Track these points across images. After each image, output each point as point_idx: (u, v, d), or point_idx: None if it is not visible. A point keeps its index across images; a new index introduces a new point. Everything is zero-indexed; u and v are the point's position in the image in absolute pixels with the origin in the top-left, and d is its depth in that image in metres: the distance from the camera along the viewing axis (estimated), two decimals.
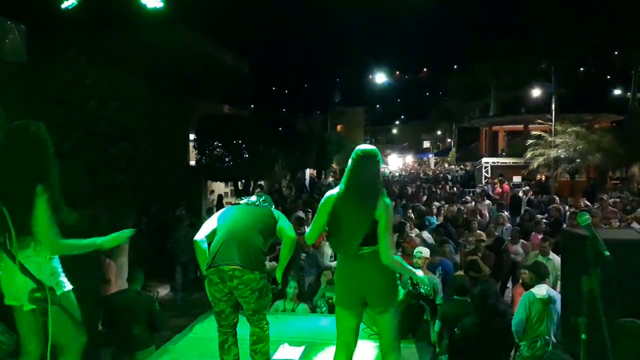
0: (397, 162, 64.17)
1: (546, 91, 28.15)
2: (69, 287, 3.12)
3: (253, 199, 4.04)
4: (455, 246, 8.89)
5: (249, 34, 24.84)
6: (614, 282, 2.85)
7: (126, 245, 8.94)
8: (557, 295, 5.22)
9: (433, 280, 6.36)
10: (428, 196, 18.27)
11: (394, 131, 77.92)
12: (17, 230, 2.85)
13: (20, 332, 3.08)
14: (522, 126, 29.56)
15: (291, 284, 6.22)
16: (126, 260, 8.74)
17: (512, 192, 19.04)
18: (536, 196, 17.83)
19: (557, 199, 14.73)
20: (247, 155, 14.15)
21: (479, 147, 34.26)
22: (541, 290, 5.32)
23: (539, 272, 5.55)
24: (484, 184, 25.35)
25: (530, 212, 12.04)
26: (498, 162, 28.36)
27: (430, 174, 44.39)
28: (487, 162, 28.30)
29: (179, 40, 16.93)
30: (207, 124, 14.20)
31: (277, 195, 18.76)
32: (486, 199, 16.61)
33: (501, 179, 22.43)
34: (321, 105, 34.29)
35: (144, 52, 13.93)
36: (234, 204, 4.19)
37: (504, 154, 31.38)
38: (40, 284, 2.22)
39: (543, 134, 21.98)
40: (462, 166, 41.35)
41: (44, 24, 9.76)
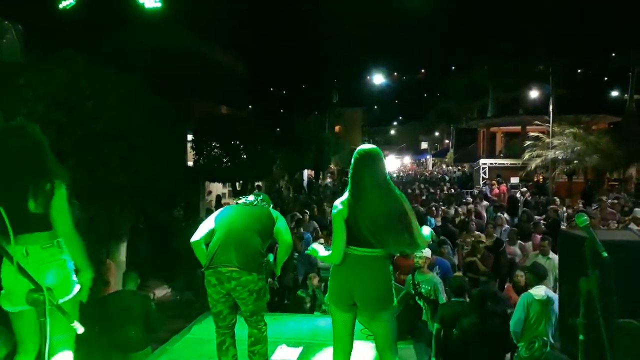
0: (395, 163, 64.16)
1: (544, 92, 28.18)
2: (78, 286, 3.14)
3: (251, 198, 4.02)
4: (453, 247, 8.90)
5: (247, 34, 24.79)
6: (612, 283, 2.85)
7: (124, 246, 8.93)
8: (555, 296, 5.22)
9: (434, 280, 6.37)
10: (426, 197, 18.29)
11: (392, 132, 77.96)
12: (25, 228, 2.90)
13: (19, 332, 3.07)
14: (519, 127, 29.60)
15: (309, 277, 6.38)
16: (124, 260, 8.72)
17: (510, 193, 19.06)
18: (533, 197, 17.87)
19: (557, 200, 14.73)
20: (245, 156, 14.14)
21: (476, 148, 34.30)
22: (539, 291, 5.32)
23: (537, 273, 5.56)
24: (481, 185, 25.38)
25: (527, 213, 12.06)
26: (496, 163, 28.39)
27: (428, 175, 44.43)
28: (485, 163, 28.33)
29: (177, 41, 16.90)
30: (205, 124, 14.19)
31: (276, 195, 18.76)
32: (484, 200, 16.64)
33: (498, 179, 22.46)
34: (319, 106, 34.22)
35: (141, 52, 13.88)
36: (231, 203, 4.19)
37: (502, 155, 31.43)
38: (38, 285, 2.21)
39: (541, 135, 22.00)
40: (459, 167, 41.40)
41: (41, 23, 9.74)
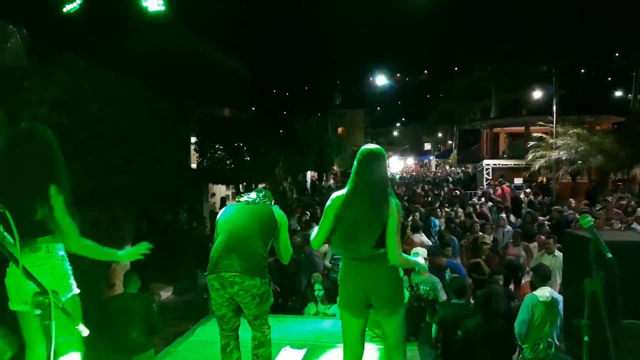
0: (399, 164, 64.16)
1: (547, 93, 28.14)
2: (77, 290, 3.13)
3: (253, 195, 3.96)
4: (459, 248, 8.89)
5: (249, 36, 24.83)
6: (616, 284, 2.84)
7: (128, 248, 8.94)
8: (559, 297, 5.21)
9: (432, 279, 6.36)
10: (430, 199, 18.25)
11: (395, 133, 77.91)
12: (29, 233, 2.89)
13: (26, 333, 3.08)
14: (523, 128, 29.53)
15: (316, 286, 6.28)
16: (128, 263, 8.73)
17: (513, 194, 19.02)
18: (535, 197, 17.83)
19: (571, 201, 14.57)
20: (248, 158, 14.16)
21: (480, 149, 34.24)
22: (544, 292, 5.30)
23: (541, 274, 5.54)
24: (485, 186, 25.33)
25: (531, 214, 12.04)
26: (499, 164, 28.34)
27: (431, 176, 44.39)
28: (488, 164, 28.28)
29: (179, 43, 16.95)
30: (208, 126, 14.21)
31: (280, 196, 18.75)
32: (488, 201, 16.61)
33: (501, 180, 22.41)
34: (322, 107, 34.25)
35: (144, 55, 13.93)
36: (234, 202, 4.15)
37: (505, 155, 31.35)
38: (43, 287, 2.21)
39: (544, 135, 21.96)
40: (463, 168, 41.34)
41: (45, 26, 9.77)
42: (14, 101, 5.68)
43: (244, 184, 15.59)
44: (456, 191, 22.50)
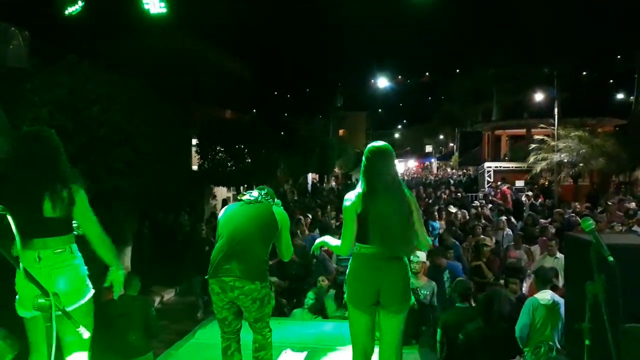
0: (400, 166, 64.12)
1: (549, 95, 28.10)
2: (93, 290, 3.20)
3: (255, 194, 3.92)
4: (460, 250, 8.85)
5: (251, 38, 24.87)
6: (618, 287, 2.83)
7: (129, 250, 8.95)
8: (561, 300, 5.19)
9: (431, 285, 6.40)
10: (432, 201, 18.23)
11: (396, 135, 77.80)
12: (45, 234, 2.95)
13: (32, 337, 3.10)
14: (524, 130, 29.52)
15: (310, 295, 6.22)
16: (129, 264, 8.74)
17: (514, 197, 18.99)
18: (537, 200, 17.79)
19: (576, 205, 14.54)
20: (250, 160, 14.17)
21: (481, 152, 34.23)
22: (545, 295, 5.29)
23: (543, 277, 5.53)
24: (486, 188, 25.29)
25: (533, 217, 12.01)
26: (501, 167, 28.29)
27: (433, 178, 44.34)
28: (490, 167, 28.23)
29: (181, 45, 16.99)
30: (209, 128, 14.23)
31: (281, 198, 18.72)
32: (489, 203, 16.58)
33: (500, 183, 22.37)
34: (323, 109, 34.23)
35: (145, 57, 13.96)
36: (235, 200, 4.11)
37: (507, 158, 31.31)
38: (44, 289, 2.22)
39: (546, 138, 21.93)
40: (464, 170, 41.30)
41: (47, 29, 9.79)
42: (15, 103, 5.70)
43: (245, 185, 15.60)
44: (458, 194, 22.46)
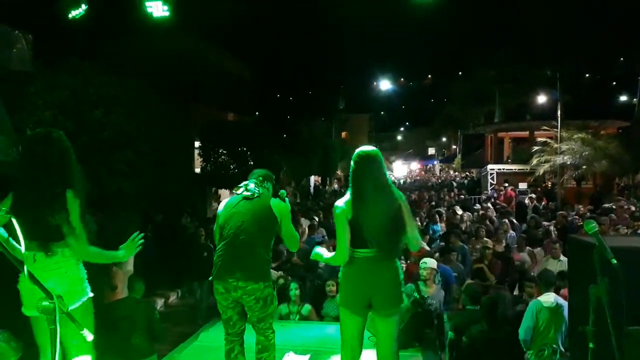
0: (403, 169, 64.07)
1: (551, 98, 28.06)
2: (91, 294, 3.17)
3: (252, 186, 3.82)
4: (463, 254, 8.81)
5: (253, 40, 24.91)
6: (621, 290, 2.82)
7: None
8: (564, 303, 5.17)
9: (440, 295, 6.38)
10: (435, 203, 18.18)
11: (399, 138, 77.81)
12: (45, 237, 2.95)
13: (38, 338, 3.10)
14: (527, 133, 29.46)
15: (292, 285, 6.23)
16: (132, 267, 8.72)
17: (518, 199, 18.95)
18: (540, 202, 17.75)
19: (580, 208, 14.50)
20: (252, 162, 14.17)
21: (484, 154, 34.17)
22: (548, 298, 5.27)
23: (546, 279, 5.51)
24: (489, 190, 25.24)
25: (536, 219, 11.97)
26: (503, 169, 28.24)
27: (435, 180, 44.29)
28: (493, 169, 28.19)
29: (183, 47, 17.00)
30: (212, 130, 14.24)
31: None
32: (492, 206, 16.53)
33: (505, 186, 22.32)
34: (325, 111, 34.24)
35: (147, 59, 13.98)
36: (233, 194, 4.01)
37: (510, 160, 31.26)
38: (48, 292, 2.22)
39: (549, 140, 21.90)
40: (467, 173, 41.23)
41: (49, 32, 9.82)
42: (19, 106, 5.71)
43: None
44: (461, 196, 22.42)
